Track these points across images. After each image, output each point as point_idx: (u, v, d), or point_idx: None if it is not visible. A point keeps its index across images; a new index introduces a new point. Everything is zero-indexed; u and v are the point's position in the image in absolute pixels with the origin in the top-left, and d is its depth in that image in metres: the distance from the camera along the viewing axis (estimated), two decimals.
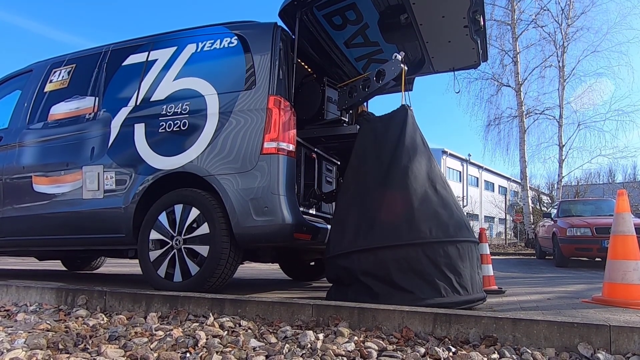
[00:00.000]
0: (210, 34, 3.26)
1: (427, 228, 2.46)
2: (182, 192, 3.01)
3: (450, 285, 2.41)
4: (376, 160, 2.76)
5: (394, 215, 2.52)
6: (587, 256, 7.78)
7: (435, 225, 2.49)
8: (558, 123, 15.16)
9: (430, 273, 2.40)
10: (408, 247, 2.43)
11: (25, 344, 1.79)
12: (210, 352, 1.69)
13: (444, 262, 2.42)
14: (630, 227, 2.85)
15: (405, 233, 2.45)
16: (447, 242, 2.46)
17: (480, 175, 38.49)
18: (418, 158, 2.71)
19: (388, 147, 2.75)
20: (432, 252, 2.42)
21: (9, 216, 3.62)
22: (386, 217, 2.53)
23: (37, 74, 3.92)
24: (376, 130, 2.90)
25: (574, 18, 14.85)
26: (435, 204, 2.58)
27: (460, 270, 2.45)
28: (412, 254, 2.42)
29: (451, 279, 2.41)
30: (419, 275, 2.40)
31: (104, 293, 2.63)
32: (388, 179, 2.63)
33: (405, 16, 3.23)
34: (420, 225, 2.46)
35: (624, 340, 1.71)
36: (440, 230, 2.48)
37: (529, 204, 15.65)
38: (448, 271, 2.42)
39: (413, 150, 2.72)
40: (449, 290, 2.39)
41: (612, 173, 27.69)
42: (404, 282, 2.40)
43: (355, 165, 2.88)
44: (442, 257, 2.42)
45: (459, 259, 2.46)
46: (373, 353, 1.70)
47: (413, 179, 2.61)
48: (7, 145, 3.74)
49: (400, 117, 2.84)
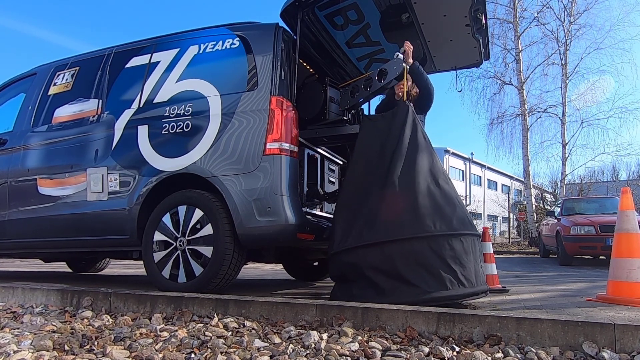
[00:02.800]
0: (212, 35, 3.27)
1: (432, 222, 2.49)
2: (185, 193, 3.02)
3: (455, 278, 2.43)
4: (378, 156, 2.78)
5: (398, 210, 2.54)
6: (591, 254, 7.75)
7: (440, 219, 2.51)
8: (561, 121, 15.08)
9: (436, 266, 2.43)
10: (413, 240, 2.46)
11: (31, 345, 1.81)
12: (215, 353, 1.70)
13: (449, 254, 2.45)
14: (635, 224, 2.84)
15: (410, 227, 2.48)
16: (451, 235, 2.49)
17: (483, 174, 38.35)
18: (420, 153, 2.73)
19: (390, 143, 2.77)
20: (437, 245, 2.45)
21: (14, 218, 3.64)
22: (390, 212, 2.55)
23: (41, 77, 3.94)
24: (378, 127, 2.92)
25: (577, 15, 14.76)
26: (439, 198, 2.60)
27: (465, 263, 2.48)
28: (418, 247, 2.45)
29: (456, 271, 2.44)
30: (424, 268, 2.43)
31: (109, 294, 2.64)
32: (391, 174, 2.65)
33: (406, 15, 3.23)
34: (425, 219, 2.49)
35: (629, 339, 1.71)
36: (445, 224, 2.51)
37: (532, 202, 15.58)
38: (453, 264, 2.45)
39: (415, 146, 2.75)
40: (454, 283, 2.42)
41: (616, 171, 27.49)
42: (410, 275, 2.42)
43: (358, 162, 2.90)
44: (447, 250, 2.45)
45: (463, 252, 2.49)
46: (377, 353, 1.70)
47: (416, 173, 2.63)
48: (12, 148, 3.76)
49: (402, 113, 2.85)
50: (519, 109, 15.20)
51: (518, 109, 15.36)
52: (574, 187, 20.01)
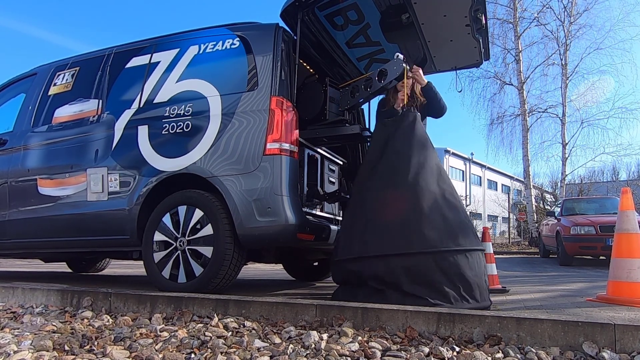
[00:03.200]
0: (212, 35, 3.27)
1: (438, 236, 2.48)
2: (185, 193, 3.02)
3: (459, 294, 2.43)
4: (386, 167, 2.78)
5: (404, 223, 2.53)
6: (591, 254, 7.75)
7: (446, 234, 2.50)
8: (561, 121, 15.08)
9: (440, 281, 2.42)
10: (419, 255, 2.45)
11: (31, 346, 1.80)
12: (215, 353, 1.70)
13: (454, 271, 2.43)
14: (635, 225, 2.84)
15: (416, 241, 2.47)
16: (457, 251, 2.47)
17: (483, 174, 38.34)
18: (427, 167, 2.73)
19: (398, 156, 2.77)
20: (443, 260, 2.44)
21: (14, 219, 3.64)
22: (397, 224, 2.54)
23: (41, 77, 3.94)
24: (386, 133, 2.91)
25: (577, 15, 14.77)
26: (445, 211, 2.59)
27: (469, 279, 2.47)
28: (423, 262, 2.44)
29: (460, 287, 2.43)
30: (428, 283, 2.42)
31: (109, 294, 2.64)
32: (399, 186, 2.65)
33: (406, 15, 3.23)
34: (431, 233, 2.48)
35: (629, 339, 1.70)
36: (451, 240, 2.49)
37: (532, 202, 15.58)
38: (457, 280, 2.44)
39: (423, 158, 2.75)
40: (457, 299, 2.41)
41: (616, 171, 27.48)
42: (414, 289, 2.41)
43: (366, 172, 2.90)
44: (452, 267, 2.44)
45: (468, 268, 2.48)
46: (377, 353, 1.70)
47: (423, 186, 2.63)
48: (12, 148, 3.76)
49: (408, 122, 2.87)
50: (519, 109, 15.20)
51: (518, 109, 15.37)
52: (574, 187, 20.01)
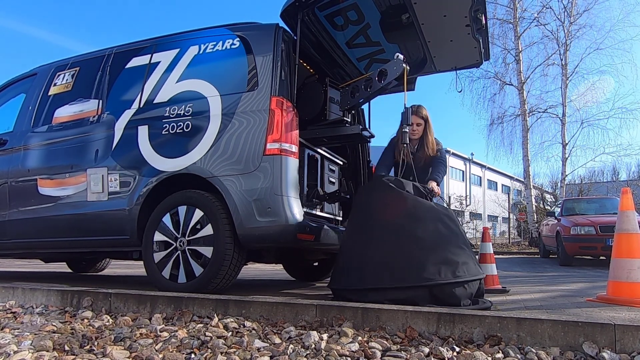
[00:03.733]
0: (212, 35, 3.28)
1: (437, 269, 2.47)
2: (185, 193, 3.02)
3: None
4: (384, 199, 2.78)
5: (403, 255, 2.53)
6: (591, 255, 7.75)
7: (445, 265, 2.49)
8: (561, 121, 15.08)
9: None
10: (417, 288, 2.45)
11: (31, 346, 1.80)
12: (215, 353, 1.70)
13: (451, 302, 2.44)
14: (635, 225, 2.84)
15: (414, 274, 2.47)
16: (455, 283, 2.47)
17: (483, 174, 38.34)
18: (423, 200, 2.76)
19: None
20: (441, 293, 2.45)
21: (15, 219, 3.64)
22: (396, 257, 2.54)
23: (41, 77, 3.94)
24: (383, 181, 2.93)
25: (577, 16, 14.77)
26: (445, 241, 2.59)
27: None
28: (421, 295, 2.44)
29: None
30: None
31: (109, 295, 2.64)
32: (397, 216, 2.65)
33: (406, 16, 3.23)
34: (429, 267, 2.47)
35: (629, 339, 1.70)
36: (450, 271, 2.48)
37: (532, 202, 15.57)
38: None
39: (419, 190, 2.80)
40: None
41: (616, 171, 27.50)
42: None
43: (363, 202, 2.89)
44: (449, 298, 2.44)
45: (465, 297, 2.49)
46: (377, 353, 1.70)
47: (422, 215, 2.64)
48: (12, 148, 3.76)
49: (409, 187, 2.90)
50: (519, 110, 15.20)
51: (518, 110, 15.37)
52: (574, 188, 20.01)
